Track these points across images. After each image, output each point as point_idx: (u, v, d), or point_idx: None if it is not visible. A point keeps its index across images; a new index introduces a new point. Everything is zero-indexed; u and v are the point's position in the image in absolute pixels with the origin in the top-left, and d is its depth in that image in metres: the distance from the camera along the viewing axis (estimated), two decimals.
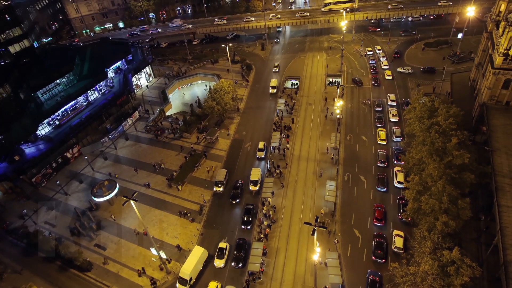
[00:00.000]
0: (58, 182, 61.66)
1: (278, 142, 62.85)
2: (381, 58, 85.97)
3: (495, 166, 44.36)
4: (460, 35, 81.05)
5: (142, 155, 67.41)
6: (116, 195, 57.73)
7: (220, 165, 62.64)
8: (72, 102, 73.78)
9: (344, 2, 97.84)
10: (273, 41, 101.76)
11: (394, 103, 70.24)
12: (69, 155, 68.61)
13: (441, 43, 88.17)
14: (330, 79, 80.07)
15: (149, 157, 66.58)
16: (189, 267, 44.23)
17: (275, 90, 78.95)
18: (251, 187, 55.79)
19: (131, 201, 38.41)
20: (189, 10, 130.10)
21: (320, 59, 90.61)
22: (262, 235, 48.14)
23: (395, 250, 43.97)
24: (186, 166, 62.16)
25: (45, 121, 68.64)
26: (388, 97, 71.75)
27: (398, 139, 61.18)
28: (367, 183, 54.91)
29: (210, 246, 48.72)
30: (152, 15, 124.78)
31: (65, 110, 72.79)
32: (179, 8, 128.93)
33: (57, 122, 70.75)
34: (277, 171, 57.66)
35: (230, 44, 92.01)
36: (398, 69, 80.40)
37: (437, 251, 35.83)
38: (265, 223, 49.64)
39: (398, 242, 44.21)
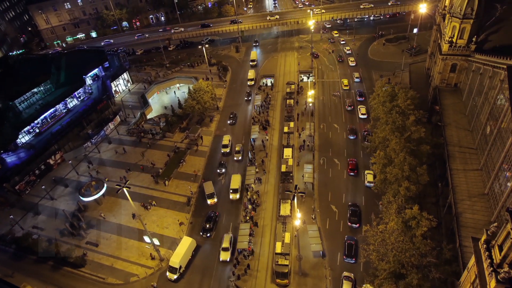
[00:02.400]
0: (43, 187, 62.46)
1: (257, 135, 67.11)
2: (347, 52, 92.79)
3: (446, 138, 50.78)
4: (415, 30, 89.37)
5: (127, 157, 69.34)
6: (103, 195, 59.54)
7: (204, 160, 65.94)
8: (51, 110, 74.56)
9: None
10: (252, 44, 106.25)
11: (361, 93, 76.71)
12: (51, 162, 69.38)
13: (399, 38, 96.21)
14: (303, 75, 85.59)
15: (133, 158, 68.64)
16: (178, 256, 46.07)
17: (253, 82, 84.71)
18: (232, 196, 55.75)
19: (124, 189, 40.98)
20: (162, 17, 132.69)
21: (292, 58, 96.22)
22: (248, 218, 51.79)
23: (367, 184, 54.22)
24: (171, 163, 64.93)
25: (25, 129, 69.18)
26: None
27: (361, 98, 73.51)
28: (340, 165, 60.09)
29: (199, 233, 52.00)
30: (125, 23, 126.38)
31: (45, 117, 73.45)
32: (152, 16, 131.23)
33: (37, 130, 71.33)
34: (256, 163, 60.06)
35: (207, 45, 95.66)
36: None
37: (401, 211, 40.96)
38: (250, 207, 53.33)
39: (369, 178, 54.60)
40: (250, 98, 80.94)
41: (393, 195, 44.42)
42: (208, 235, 51.09)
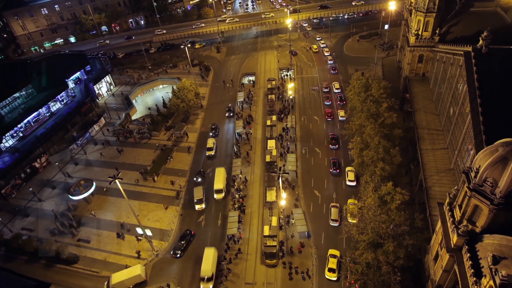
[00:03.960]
0: (31, 189, 62.64)
1: (241, 129, 69.71)
2: (324, 50, 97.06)
3: (416, 122, 55.16)
4: (386, 27, 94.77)
5: (114, 157, 70.24)
6: (92, 193, 60.46)
7: (191, 156, 67.85)
8: (35, 114, 74.56)
9: None
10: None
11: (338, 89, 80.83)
12: (37, 165, 69.42)
13: (372, 35, 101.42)
14: (283, 72, 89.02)
15: (120, 157, 69.66)
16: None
17: (213, 152, 66.65)
18: (216, 196, 55.58)
19: (116, 180, 42.56)
20: (142, 21, 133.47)
21: (272, 56, 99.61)
22: (236, 206, 54.21)
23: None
24: (159, 160, 66.52)
25: (8, 133, 68.99)
26: (333, 85, 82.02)
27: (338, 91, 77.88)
28: (321, 153, 63.52)
29: (190, 224, 53.82)
30: (104, 28, 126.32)
31: (28, 121, 73.36)
32: (131, 20, 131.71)
33: (21, 134, 71.19)
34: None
35: (189, 45, 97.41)
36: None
37: (377, 189, 44.45)
38: (237, 196, 55.80)
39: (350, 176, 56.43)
40: (231, 114, 75.81)
41: (370, 175, 47.96)
42: (178, 256, 48.76)
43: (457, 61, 48.60)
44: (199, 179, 60.40)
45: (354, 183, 54.88)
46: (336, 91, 79.00)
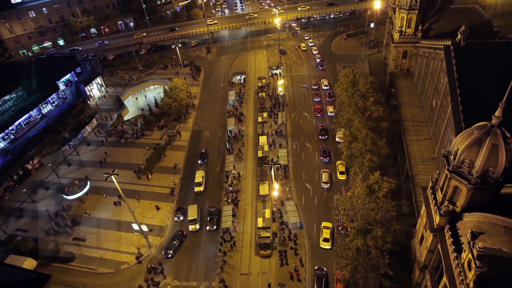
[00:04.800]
0: (24, 190, 62.68)
1: (233, 126, 71.02)
2: (312, 48, 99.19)
3: (402, 115, 57.39)
4: (372, 25, 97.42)
5: (107, 156, 70.64)
6: (86, 193, 60.88)
7: (183, 154, 68.79)
8: (26, 116, 74.43)
9: None
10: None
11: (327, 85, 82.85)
12: (30, 167, 69.37)
13: (359, 33, 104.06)
14: (272, 71, 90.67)
15: (114, 157, 70.13)
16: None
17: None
18: (191, 227, 52.07)
19: (112, 176, 43.38)
20: (131, 23, 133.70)
21: (261, 55, 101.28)
22: (229, 200, 55.42)
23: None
24: (152, 158, 67.25)
25: None
26: (322, 82, 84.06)
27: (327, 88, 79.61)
28: (312, 148, 65.23)
29: (185, 219, 54.68)
30: (93, 30, 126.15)
31: (19, 124, 73.21)
32: (120, 22, 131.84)
33: (12, 136, 71.04)
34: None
35: (180, 45, 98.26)
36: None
37: (366, 179, 46.24)
38: (231, 189, 57.03)
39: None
40: (205, 161, 65.22)
41: (358, 166, 49.79)
42: (170, 256, 49.05)
43: (438, 55, 50.88)
44: (200, 161, 62.61)
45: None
46: (325, 88, 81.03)
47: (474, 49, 45.43)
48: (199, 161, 64.80)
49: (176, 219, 54.97)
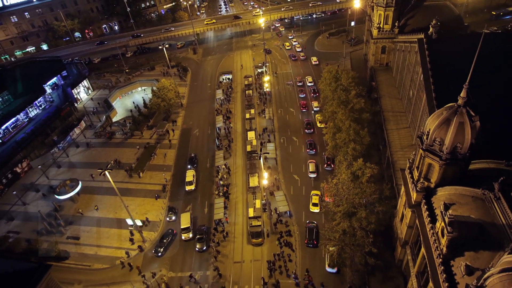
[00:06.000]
0: (15, 192, 62.64)
1: (221, 124, 72.78)
2: (296, 47, 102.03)
3: (382, 106, 60.51)
4: (353, 23, 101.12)
5: (97, 157, 71.10)
6: (78, 193, 61.36)
7: (174, 151, 70.02)
8: (13, 120, 74.21)
9: None
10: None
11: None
12: (18, 170, 69.20)
13: (340, 31, 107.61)
14: (258, 69, 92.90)
15: (104, 157, 70.59)
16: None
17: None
18: (184, 236, 50.92)
19: (106, 172, 44.44)
20: (116, 26, 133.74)
21: (247, 55, 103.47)
22: (221, 194, 57.06)
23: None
24: (143, 157, 68.22)
25: None
26: (306, 79, 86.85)
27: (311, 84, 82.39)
28: (298, 141, 67.60)
29: (178, 214, 56.01)
30: (77, 34, 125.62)
31: (6, 128, 72.92)
32: (105, 25, 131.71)
33: (0, 140, 70.70)
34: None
35: (167, 45, 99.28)
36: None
37: (350, 167, 48.75)
38: (222, 182, 58.71)
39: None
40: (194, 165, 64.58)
41: (343, 156, 52.33)
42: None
43: (413, 48, 54.10)
44: (173, 217, 55.19)
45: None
46: (309, 84, 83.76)
47: (445, 41, 48.75)
48: (189, 166, 63.63)
49: (168, 219, 55.15)
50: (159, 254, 49.92)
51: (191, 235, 51.33)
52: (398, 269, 42.69)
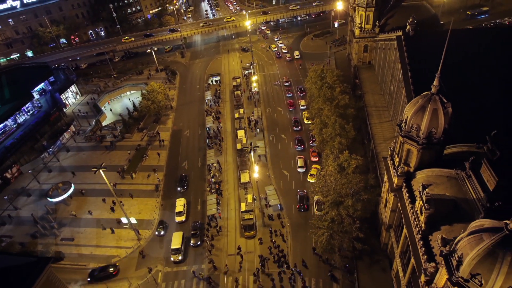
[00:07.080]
0: (6, 197, 62.50)
1: (211, 124, 74.36)
2: (283, 49, 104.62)
3: (365, 102, 63.31)
4: (336, 24, 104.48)
5: (89, 160, 71.51)
6: (70, 196, 61.76)
7: (165, 152, 71.08)
8: (1, 126, 73.99)
9: None
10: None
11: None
12: (8, 175, 68.97)
13: (325, 33, 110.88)
14: (246, 71, 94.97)
15: (95, 161, 71.01)
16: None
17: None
18: (173, 257, 48.32)
19: (100, 170, 45.35)
20: (102, 32, 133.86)
21: (234, 57, 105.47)
22: (213, 190, 58.47)
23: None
24: (135, 158, 69.01)
25: None
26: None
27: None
28: (287, 139, 69.70)
29: (172, 212, 56.91)
30: (63, 40, 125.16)
31: None
32: (91, 31, 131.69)
33: None
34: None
35: (156, 49, 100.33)
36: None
37: (336, 159, 51.00)
38: (213, 180, 60.14)
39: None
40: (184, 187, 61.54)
41: (330, 149, 54.58)
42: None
43: (393, 46, 57.02)
44: (179, 188, 58.29)
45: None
46: (286, 84, 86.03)
47: (421, 38, 51.69)
48: (179, 188, 60.20)
49: (156, 233, 53.25)
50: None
51: (180, 258, 48.01)
52: (383, 252, 44.98)
